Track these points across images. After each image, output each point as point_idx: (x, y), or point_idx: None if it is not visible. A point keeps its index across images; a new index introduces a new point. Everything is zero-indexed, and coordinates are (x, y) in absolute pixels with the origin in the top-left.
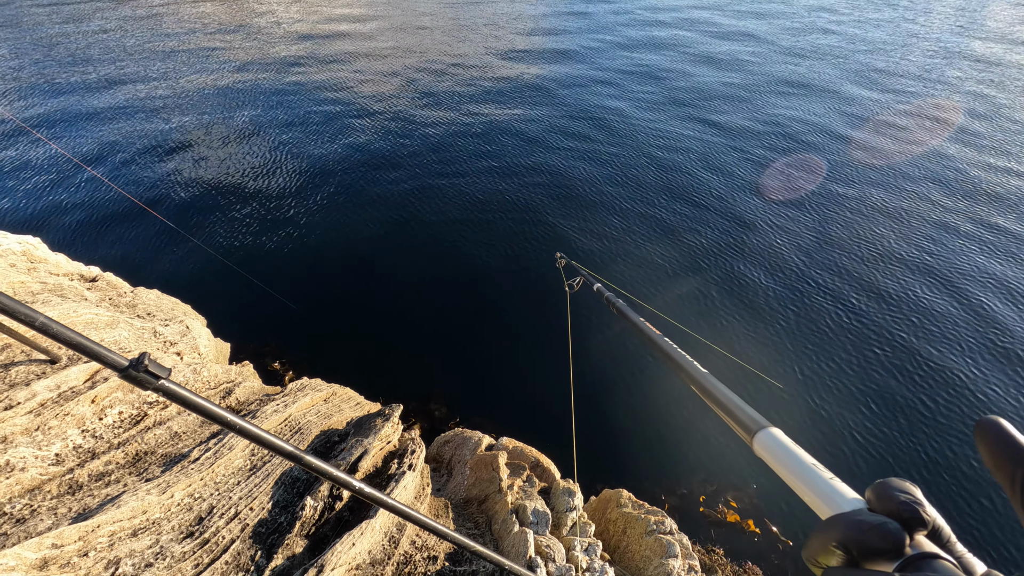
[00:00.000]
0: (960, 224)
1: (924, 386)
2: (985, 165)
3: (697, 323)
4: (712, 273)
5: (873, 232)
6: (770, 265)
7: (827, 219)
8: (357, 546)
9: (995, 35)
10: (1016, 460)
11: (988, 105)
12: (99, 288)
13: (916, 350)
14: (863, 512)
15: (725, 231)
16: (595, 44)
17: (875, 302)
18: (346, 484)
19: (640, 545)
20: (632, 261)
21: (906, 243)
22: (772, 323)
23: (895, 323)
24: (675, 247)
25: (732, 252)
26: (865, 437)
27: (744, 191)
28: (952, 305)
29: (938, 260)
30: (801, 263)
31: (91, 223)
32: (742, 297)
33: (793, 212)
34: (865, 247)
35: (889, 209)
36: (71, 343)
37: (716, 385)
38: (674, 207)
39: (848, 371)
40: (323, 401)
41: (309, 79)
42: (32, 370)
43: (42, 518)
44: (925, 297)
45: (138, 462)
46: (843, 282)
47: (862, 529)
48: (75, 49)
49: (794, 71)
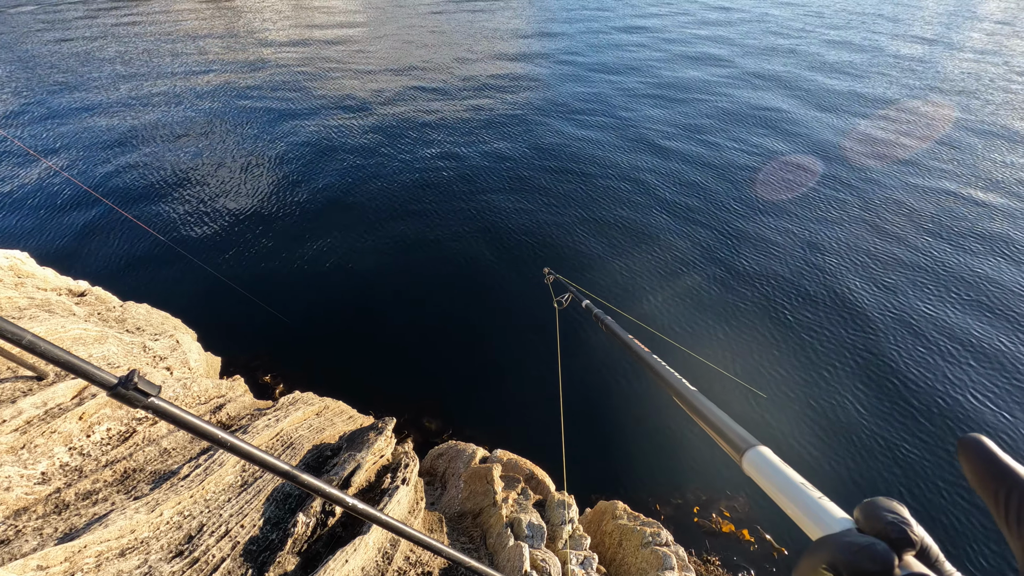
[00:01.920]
0: (950, 229)
1: (911, 399)
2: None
3: (683, 334)
4: (699, 283)
5: (860, 240)
6: (756, 274)
7: (814, 227)
8: (350, 563)
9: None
10: (998, 478)
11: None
12: (88, 303)
13: (902, 363)
14: (852, 533)
15: (713, 240)
16: (586, 47)
17: (861, 312)
18: (339, 501)
19: (636, 557)
20: (618, 272)
21: (896, 248)
22: (758, 333)
23: (882, 334)
24: (661, 257)
25: (718, 262)
26: (853, 450)
27: (732, 199)
28: (941, 314)
29: (925, 268)
30: (789, 272)
31: (80, 237)
32: (727, 308)
33: (779, 221)
34: (852, 255)
35: (876, 215)
36: (59, 361)
37: (704, 403)
38: (662, 215)
39: (835, 383)
40: (315, 415)
41: (302, 92)
42: (18, 387)
43: (27, 539)
44: (914, 307)
45: (126, 480)
46: (831, 291)
47: (851, 551)
48: (61, 60)
49: (778, 72)
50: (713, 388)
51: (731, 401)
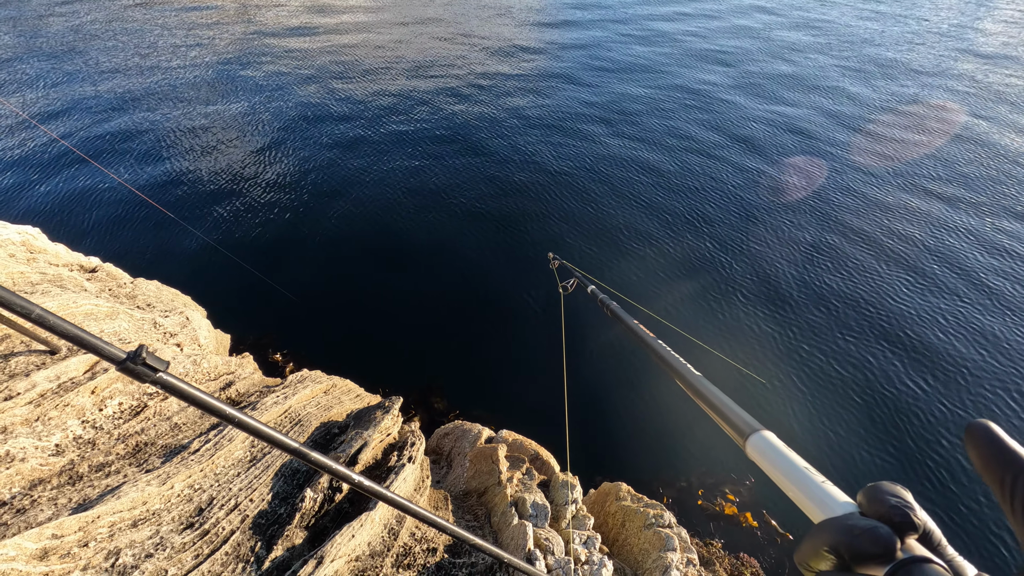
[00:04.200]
0: (961, 225)
1: (918, 386)
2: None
3: (687, 319)
4: (706, 270)
5: (871, 233)
6: (765, 265)
7: (826, 219)
8: (357, 538)
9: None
10: (1005, 464)
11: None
12: (99, 279)
13: (910, 349)
14: (854, 516)
15: (722, 230)
16: (601, 35)
17: (868, 301)
18: (345, 477)
19: (639, 538)
20: (625, 258)
21: (905, 244)
22: (764, 320)
23: (888, 321)
24: (669, 245)
25: (728, 251)
26: (858, 437)
27: (744, 191)
28: (947, 303)
29: (934, 259)
30: (797, 262)
31: (91, 213)
32: (735, 295)
33: (791, 213)
34: (863, 248)
35: (889, 210)
36: (68, 335)
37: (709, 388)
38: (671, 205)
39: (839, 369)
40: (323, 393)
41: (311, 72)
42: (32, 360)
43: (42, 508)
44: (920, 295)
45: (138, 453)
46: (838, 281)
47: (853, 534)
48: (74, 40)
49: (798, 71)
50: (716, 374)
51: (732, 387)
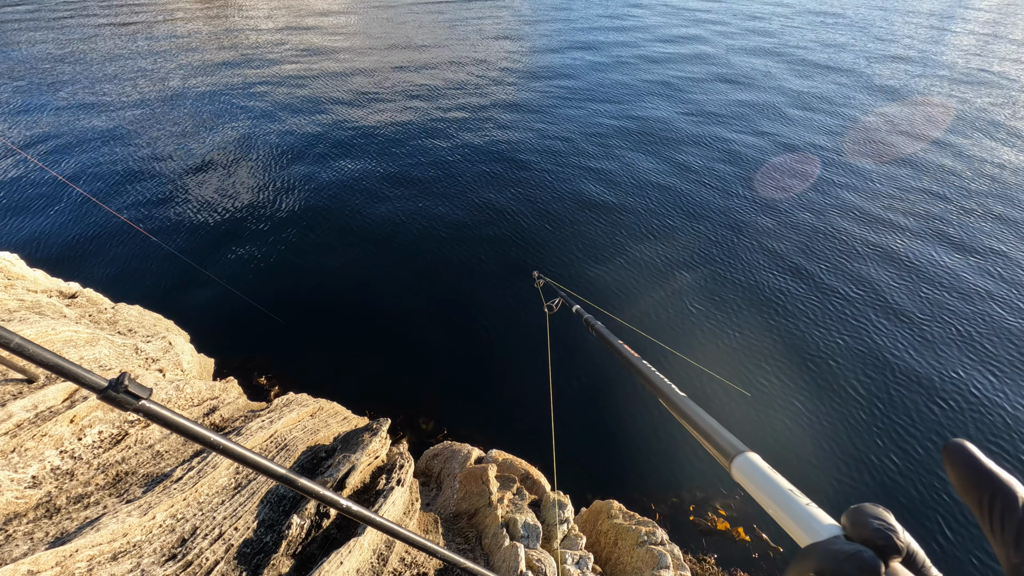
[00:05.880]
0: (948, 232)
1: (899, 401)
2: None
3: (671, 333)
4: (689, 282)
5: (858, 239)
6: (749, 275)
7: (812, 225)
8: (345, 564)
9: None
10: (983, 484)
11: None
12: (79, 304)
13: (892, 364)
14: (838, 541)
15: (707, 239)
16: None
17: (852, 312)
18: (333, 503)
19: (631, 556)
20: (609, 271)
21: (893, 249)
22: (747, 333)
23: (873, 336)
24: (653, 255)
25: (712, 261)
26: (840, 455)
27: (728, 195)
28: (935, 317)
29: (923, 269)
30: (783, 271)
31: (71, 238)
32: (719, 308)
33: (776, 219)
34: (848, 254)
35: (874, 215)
36: (48, 364)
37: (694, 409)
38: (655, 215)
39: (822, 383)
40: (309, 416)
41: (295, 94)
42: (8, 390)
43: (17, 543)
44: (907, 307)
45: (118, 483)
46: (820, 291)
47: (837, 559)
48: (51, 61)
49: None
50: (701, 388)
51: (717, 402)
